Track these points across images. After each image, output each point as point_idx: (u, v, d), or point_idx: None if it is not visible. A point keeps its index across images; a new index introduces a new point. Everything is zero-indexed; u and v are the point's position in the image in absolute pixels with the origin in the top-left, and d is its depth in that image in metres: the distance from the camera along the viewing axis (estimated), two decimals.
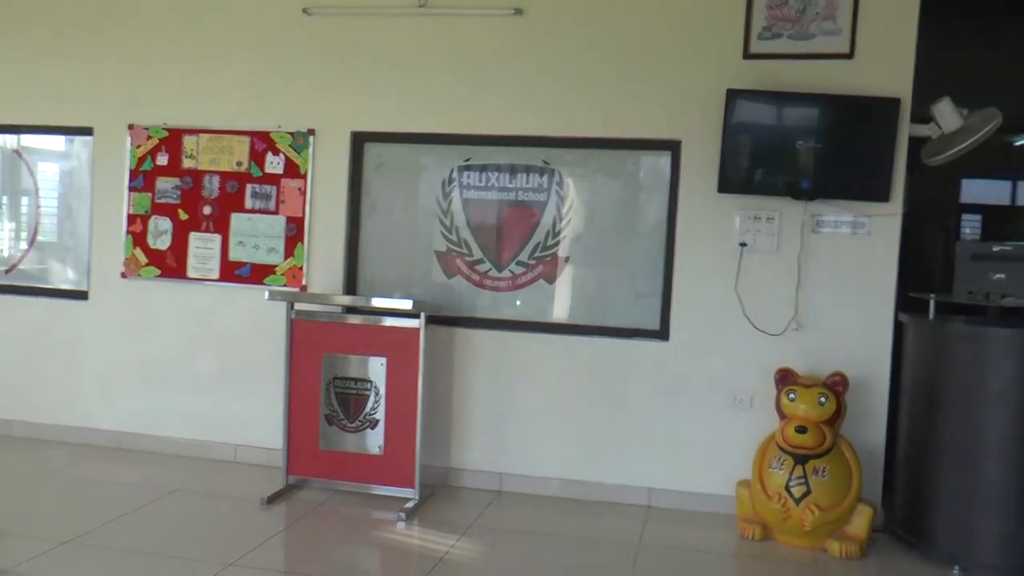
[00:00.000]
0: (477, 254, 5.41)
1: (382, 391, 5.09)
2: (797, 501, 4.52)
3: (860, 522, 4.59)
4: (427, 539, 4.58)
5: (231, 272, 5.66)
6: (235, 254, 5.65)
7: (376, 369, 5.10)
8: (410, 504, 4.93)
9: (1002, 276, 4.51)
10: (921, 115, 4.86)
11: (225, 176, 5.65)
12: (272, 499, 4.99)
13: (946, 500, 4.49)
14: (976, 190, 7.32)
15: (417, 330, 4.99)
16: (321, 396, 5.16)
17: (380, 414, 5.10)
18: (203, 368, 5.73)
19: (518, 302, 5.39)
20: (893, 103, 4.77)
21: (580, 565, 4.36)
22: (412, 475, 5.01)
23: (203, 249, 5.69)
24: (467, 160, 5.41)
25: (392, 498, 5.02)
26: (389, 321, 5.10)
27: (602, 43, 5.16)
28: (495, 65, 5.28)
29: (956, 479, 4.45)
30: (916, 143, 4.95)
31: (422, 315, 4.97)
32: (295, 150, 5.54)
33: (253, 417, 5.60)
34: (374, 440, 5.10)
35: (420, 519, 4.85)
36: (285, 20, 5.53)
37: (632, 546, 4.55)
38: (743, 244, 4.99)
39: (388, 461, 5.09)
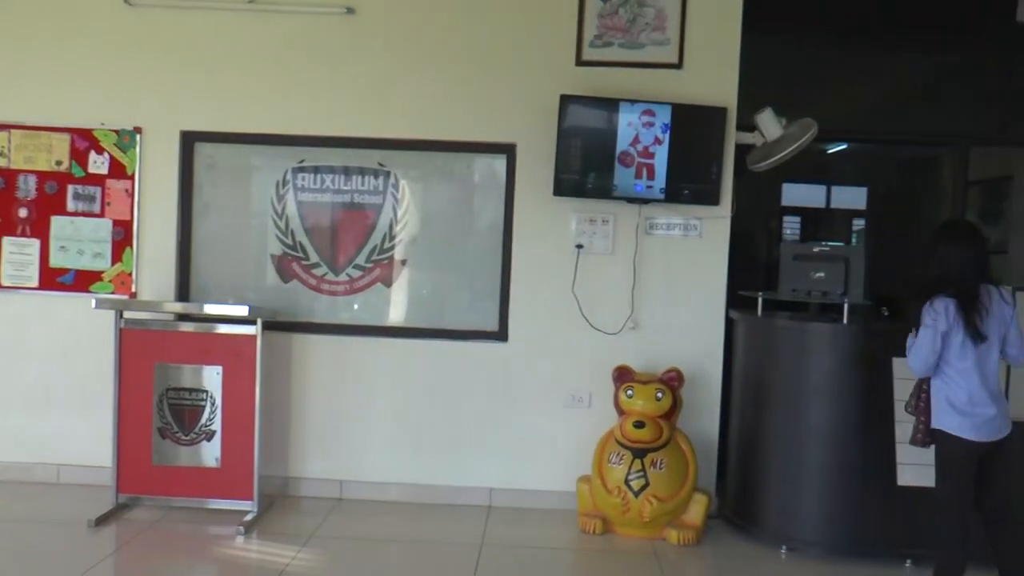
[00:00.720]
0: (314, 258, 5.30)
1: (218, 401, 4.92)
2: (636, 494, 4.66)
3: (696, 510, 4.79)
4: (267, 552, 4.45)
5: (52, 279, 5.32)
6: (56, 260, 5.32)
7: (211, 378, 4.92)
8: (249, 517, 4.78)
9: (822, 275, 4.78)
10: (746, 124, 5.11)
11: (43, 176, 5.30)
12: (101, 521, 4.72)
13: (774, 485, 4.75)
14: (795, 194, 7.73)
15: (253, 337, 4.85)
16: (153, 408, 4.93)
17: (216, 425, 4.92)
18: (20, 383, 5.35)
19: (356, 306, 5.32)
20: (720, 112, 5.00)
21: (423, 569, 4.35)
22: (251, 487, 4.86)
23: (19, 255, 5.32)
24: (301, 162, 5.29)
25: (230, 512, 4.85)
26: (224, 328, 4.92)
27: (437, 46, 5.16)
28: (328, 65, 5.19)
29: (783, 465, 4.71)
30: (742, 150, 5.20)
31: (258, 321, 4.84)
32: (120, 149, 5.27)
33: (78, 434, 5.28)
34: (210, 452, 4.92)
35: (260, 532, 4.71)
36: (106, 9, 5.23)
37: (475, 547, 4.57)
38: (579, 246, 5.10)
39: (225, 473, 4.92)
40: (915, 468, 4.48)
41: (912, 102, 6.33)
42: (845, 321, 4.62)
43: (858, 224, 8.19)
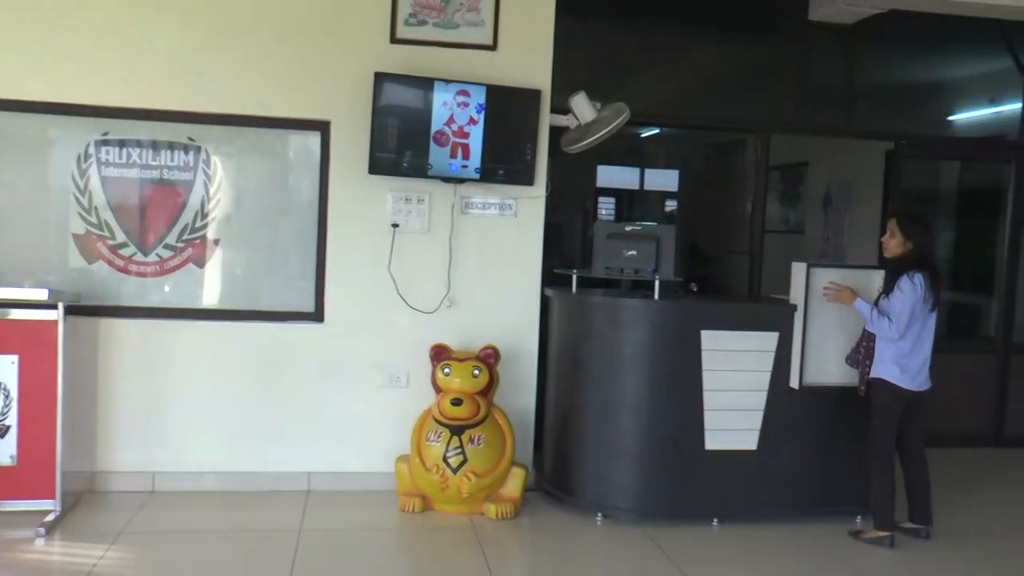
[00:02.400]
0: (120, 237, 5.03)
1: (13, 394, 4.59)
2: (455, 470, 4.70)
3: (514, 484, 4.88)
4: (72, 553, 4.18)
5: None
6: None
7: (6, 369, 4.58)
8: (51, 517, 4.48)
9: (634, 253, 4.95)
10: (562, 106, 5.20)
11: None
12: None
13: (589, 455, 4.89)
14: (610, 175, 7.97)
15: (54, 323, 4.55)
16: None
17: (12, 419, 4.59)
18: None
19: (167, 288, 5.09)
20: (534, 94, 5.07)
21: (240, 559, 4.21)
22: (52, 484, 4.56)
23: None
24: (105, 134, 4.99)
25: (29, 513, 4.51)
26: (19, 314, 4.58)
27: (247, 16, 4.97)
28: (132, 33, 4.88)
29: (597, 436, 4.86)
30: (557, 132, 5.30)
31: (60, 306, 4.53)
32: None
33: None
34: (5, 450, 4.58)
35: (63, 532, 4.42)
36: None
37: (294, 533, 4.48)
38: (395, 225, 5.08)
39: (23, 471, 4.58)
40: (721, 433, 4.77)
41: (718, 90, 6.63)
42: (656, 297, 4.81)
43: (671, 205, 8.55)
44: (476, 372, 4.80)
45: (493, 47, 5.12)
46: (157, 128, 5.00)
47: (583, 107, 5.13)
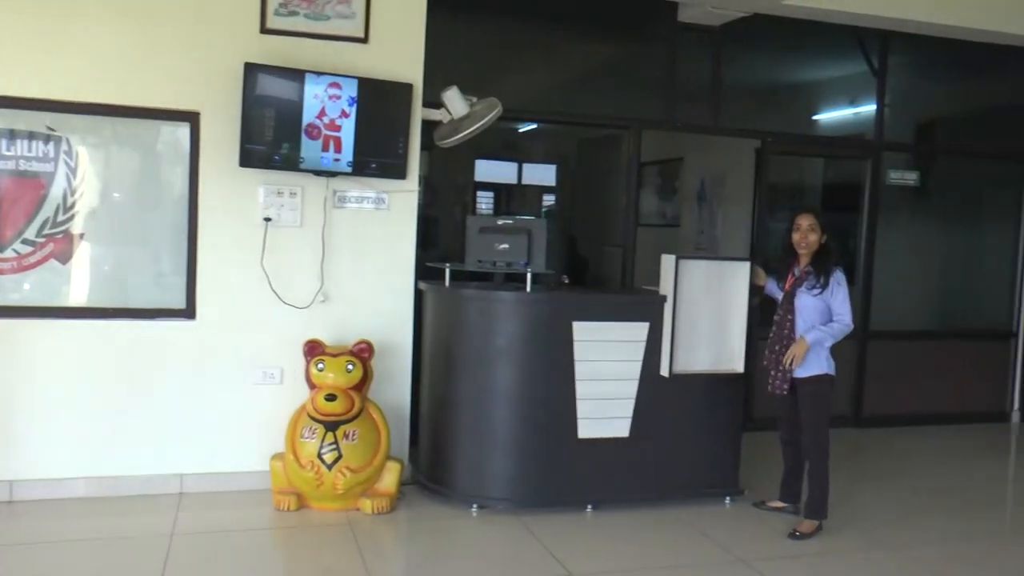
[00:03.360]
0: None
1: None
2: (329, 467, 4.66)
3: (390, 478, 4.87)
4: None
5: None
6: None
7: None
8: None
9: (506, 246, 4.99)
10: (435, 100, 5.20)
11: None
12: None
13: (464, 447, 4.93)
14: (488, 170, 8.05)
15: None
16: None
17: None
18: None
19: (27, 285, 4.86)
20: (406, 87, 5.06)
21: (107, 568, 4.06)
22: None
23: None
24: None
25: None
26: None
27: (113, 2, 4.79)
28: None
29: (471, 428, 4.90)
30: (431, 126, 5.30)
31: None
32: None
33: None
34: None
35: None
36: None
37: (164, 538, 4.34)
38: (268, 219, 4.99)
39: None
40: (594, 421, 4.87)
41: (592, 86, 6.73)
42: (528, 290, 4.87)
43: (549, 199, 8.68)
44: (350, 367, 4.77)
45: (365, 40, 5.09)
46: (12, 116, 4.76)
47: (456, 101, 5.14)
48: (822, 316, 4.75)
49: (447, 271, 5.09)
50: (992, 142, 7.92)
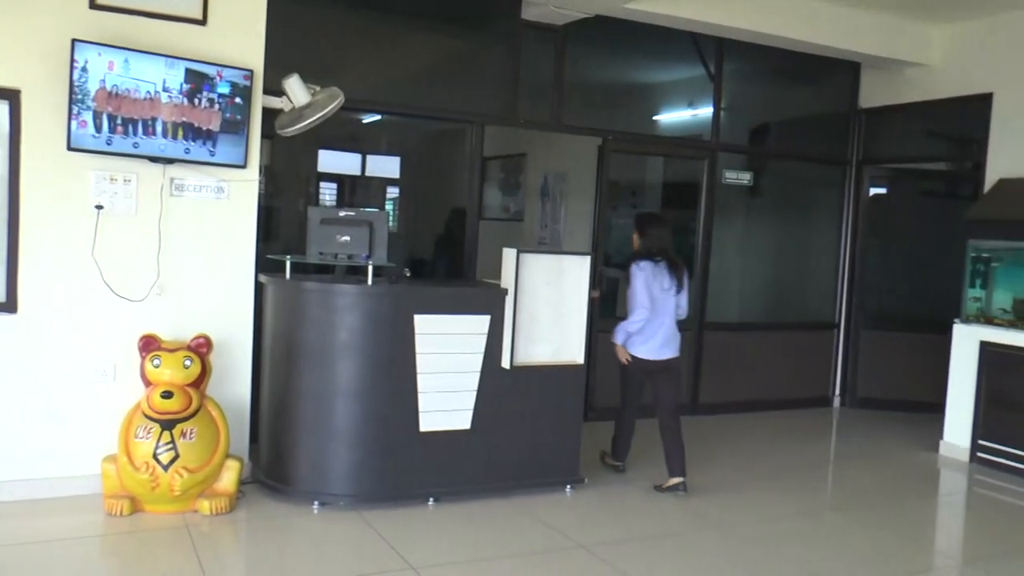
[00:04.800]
0: None
1: None
2: (165, 467, 4.50)
3: (229, 477, 4.73)
4: None
5: None
6: None
7: None
8: None
9: (347, 238, 4.94)
10: (276, 88, 5.08)
11: None
12: None
13: (305, 443, 4.85)
14: (331, 160, 7.91)
15: None
16: None
17: None
18: None
19: None
20: (247, 74, 4.92)
21: None
22: None
23: None
24: None
25: None
26: None
27: None
28: None
29: (313, 424, 4.83)
30: (272, 114, 5.18)
31: None
32: None
33: None
34: None
35: None
36: None
37: None
38: (99, 207, 4.75)
39: None
40: (436, 414, 4.89)
41: (435, 80, 6.74)
42: (370, 282, 4.84)
43: (392, 192, 8.61)
44: (188, 363, 4.62)
45: (203, 22, 4.91)
46: None
47: (297, 90, 5.05)
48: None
49: (288, 263, 4.99)
50: (817, 146, 8.42)
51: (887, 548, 4.78)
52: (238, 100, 4.88)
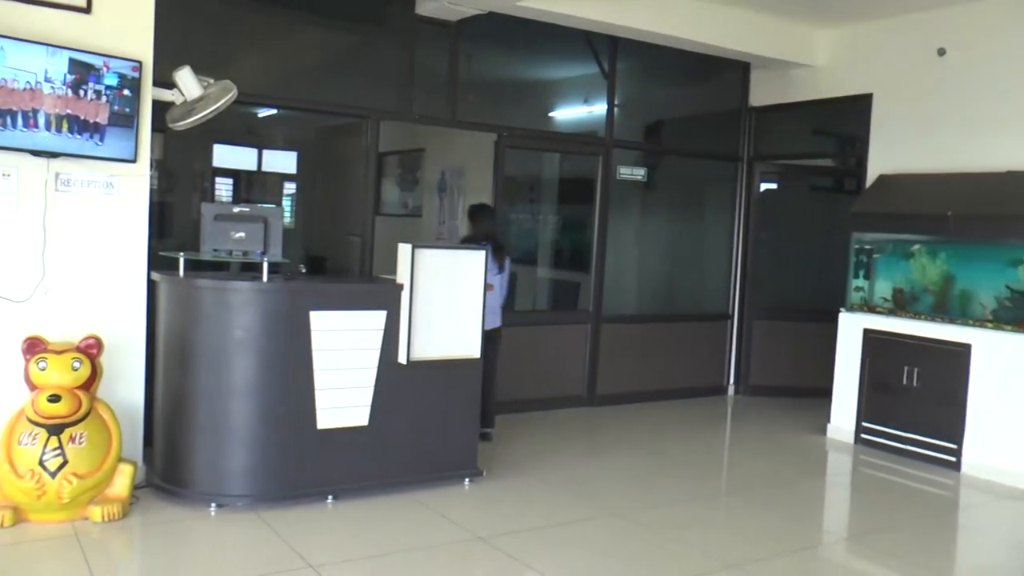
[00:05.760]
0: None
1: None
2: (53, 474, 4.34)
3: (122, 482, 4.61)
4: None
5: None
6: None
7: None
8: None
9: (242, 235, 4.87)
10: (167, 80, 4.99)
11: None
12: None
13: (201, 444, 4.77)
14: (228, 155, 7.78)
15: None
16: None
17: None
18: None
19: None
20: (135, 65, 4.80)
21: None
22: None
23: None
24: None
25: None
26: None
27: None
28: None
29: (209, 424, 4.75)
30: (163, 107, 5.06)
31: None
32: None
33: None
34: None
35: None
36: None
37: None
38: None
39: None
40: (333, 411, 4.87)
41: (330, 74, 6.70)
42: (265, 279, 4.78)
43: (290, 187, 8.52)
44: (76, 365, 4.48)
45: (87, 10, 4.75)
46: None
47: (189, 82, 4.95)
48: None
49: (181, 260, 4.89)
50: (710, 143, 8.65)
51: (778, 528, 4.97)
52: (127, 92, 4.76)
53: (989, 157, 6.59)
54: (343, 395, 4.89)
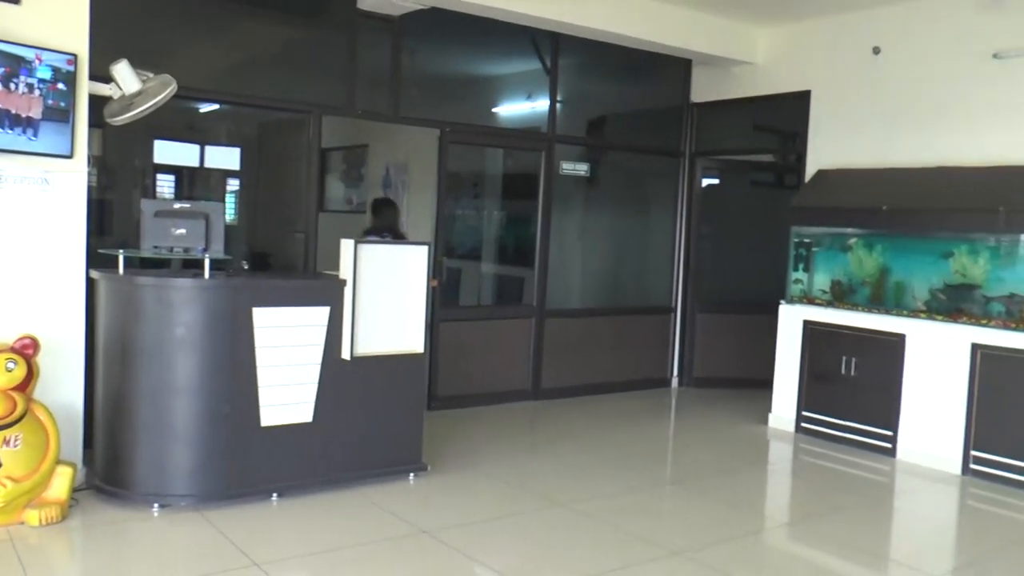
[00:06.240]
0: None
1: None
2: None
3: (60, 484, 4.53)
4: None
5: None
6: None
7: None
8: None
9: (183, 231, 4.81)
10: (104, 74, 4.91)
11: None
12: None
13: (143, 444, 4.71)
14: (169, 151, 7.67)
15: None
16: None
17: None
18: None
19: None
20: (70, 58, 4.71)
21: None
22: None
23: None
24: None
25: None
26: None
27: None
28: None
29: (151, 423, 4.69)
30: (102, 102, 4.98)
31: None
32: None
33: None
34: None
35: None
36: None
37: None
38: None
39: None
40: (277, 408, 4.85)
41: (272, 69, 6.64)
42: (207, 276, 4.73)
43: (233, 184, 8.44)
44: (11, 365, 4.39)
45: (17, 1, 4.65)
46: None
47: (126, 76, 4.87)
48: None
49: (120, 258, 4.82)
50: (652, 138, 8.75)
51: (721, 515, 5.06)
52: (61, 86, 4.68)
53: (922, 152, 6.78)
54: (287, 392, 4.87)
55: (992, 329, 5.94)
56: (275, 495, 4.88)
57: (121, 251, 4.85)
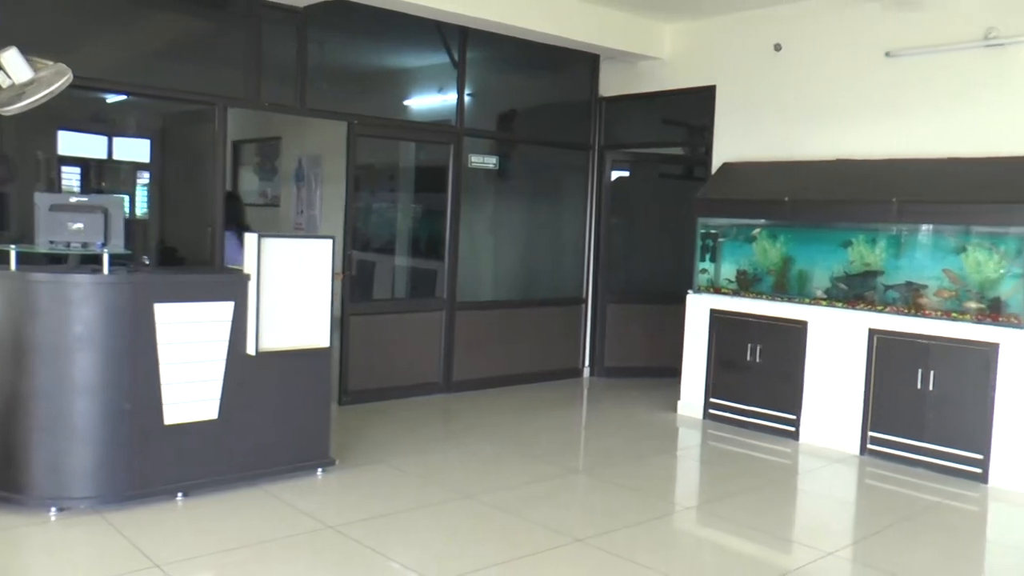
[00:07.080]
0: None
1: None
2: None
3: None
4: None
5: None
6: None
7: None
8: None
9: (80, 226, 4.68)
10: None
11: None
12: None
13: (39, 446, 4.58)
14: (74, 143, 7.42)
15: None
16: None
17: None
18: None
19: None
20: None
21: None
22: None
23: None
24: None
25: None
26: None
27: None
28: None
29: (48, 424, 4.56)
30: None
31: None
32: None
33: None
34: None
35: None
36: None
37: None
38: None
39: None
40: (181, 405, 4.77)
41: (174, 59, 6.50)
42: (106, 271, 4.63)
43: (143, 176, 8.21)
44: None
45: None
46: None
47: (17, 64, 4.70)
48: None
49: (13, 253, 4.67)
50: (561, 132, 8.82)
51: (629, 501, 5.17)
52: None
53: (822, 145, 6.99)
54: (191, 389, 4.79)
55: (887, 315, 6.18)
56: (180, 495, 4.80)
57: (13, 246, 4.70)
